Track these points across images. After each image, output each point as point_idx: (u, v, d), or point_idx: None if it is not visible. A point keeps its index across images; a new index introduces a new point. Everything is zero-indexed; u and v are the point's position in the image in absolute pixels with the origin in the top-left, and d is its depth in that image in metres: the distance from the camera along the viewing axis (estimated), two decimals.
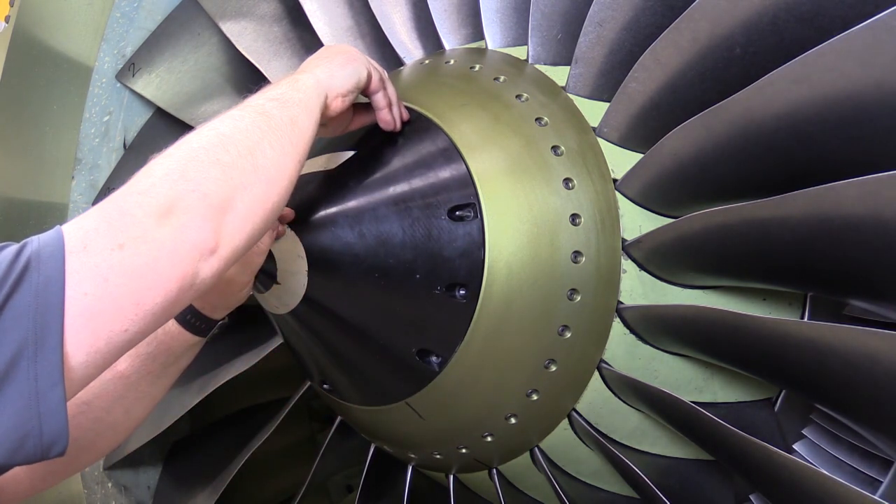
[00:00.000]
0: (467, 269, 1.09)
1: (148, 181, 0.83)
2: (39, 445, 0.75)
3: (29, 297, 0.74)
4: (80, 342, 0.76)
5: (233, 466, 1.56)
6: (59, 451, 0.76)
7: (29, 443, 0.74)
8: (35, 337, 0.73)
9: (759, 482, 1.07)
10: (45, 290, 0.74)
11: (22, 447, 0.74)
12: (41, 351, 0.73)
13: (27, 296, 0.74)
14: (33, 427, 0.74)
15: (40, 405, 0.74)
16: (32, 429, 0.74)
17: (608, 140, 1.20)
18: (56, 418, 0.75)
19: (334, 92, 1.05)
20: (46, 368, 0.73)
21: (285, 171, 0.93)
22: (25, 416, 0.73)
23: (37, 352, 0.73)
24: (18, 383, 0.73)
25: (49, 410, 0.74)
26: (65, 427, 0.75)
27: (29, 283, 0.74)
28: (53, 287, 0.74)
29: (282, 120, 0.94)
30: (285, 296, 1.12)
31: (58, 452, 0.76)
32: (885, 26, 0.76)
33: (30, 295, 0.74)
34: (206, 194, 0.83)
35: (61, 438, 0.76)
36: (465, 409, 1.18)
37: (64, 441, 0.76)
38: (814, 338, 0.91)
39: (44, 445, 0.75)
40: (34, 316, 0.73)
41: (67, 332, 0.75)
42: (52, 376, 0.74)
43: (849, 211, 0.84)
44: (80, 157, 1.78)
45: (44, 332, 0.74)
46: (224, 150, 0.87)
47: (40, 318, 0.73)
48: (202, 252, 0.82)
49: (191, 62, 1.79)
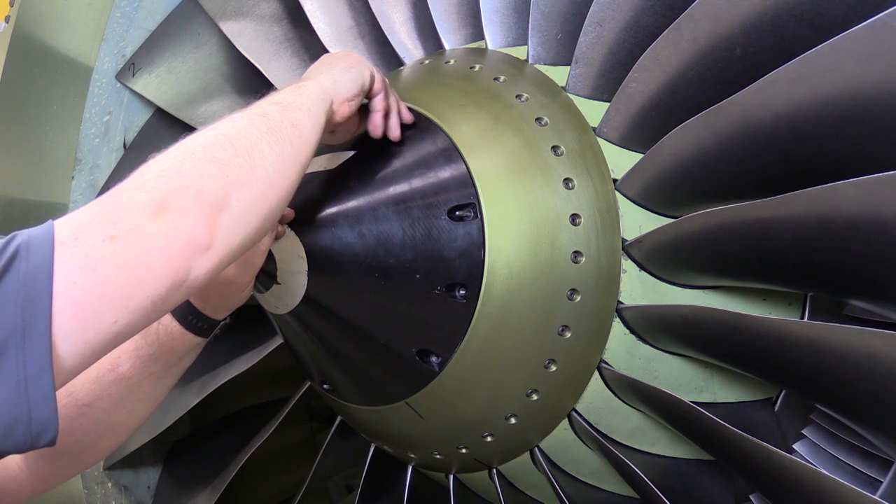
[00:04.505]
0: (467, 269, 1.09)
1: (143, 178, 0.83)
2: (29, 433, 0.74)
3: (16, 284, 0.73)
4: (68, 331, 0.75)
5: (233, 466, 1.56)
6: (49, 440, 0.75)
7: (18, 429, 0.73)
8: (23, 324, 0.73)
9: (759, 482, 1.07)
10: (33, 279, 0.74)
11: (11, 433, 0.73)
12: (29, 337, 0.73)
13: (14, 283, 0.73)
14: (22, 413, 0.73)
15: (29, 391, 0.73)
16: (21, 415, 0.73)
17: (608, 140, 1.20)
18: (45, 404, 0.74)
19: (340, 97, 1.05)
20: (34, 354, 0.73)
21: (285, 173, 0.92)
22: (14, 402, 0.73)
23: (24, 338, 0.73)
24: (6, 369, 0.72)
25: (38, 396, 0.73)
26: (54, 413, 0.75)
27: (17, 271, 0.74)
28: (41, 275, 0.74)
29: (282, 122, 0.94)
30: (285, 296, 1.12)
31: (48, 441, 0.75)
32: (885, 26, 0.76)
33: (17, 282, 0.73)
34: (200, 191, 0.83)
35: (51, 424, 0.75)
36: (465, 409, 1.18)
37: (54, 428, 0.75)
38: (814, 338, 0.91)
39: (33, 433, 0.74)
40: (22, 303, 0.73)
41: (56, 320, 0.74)
42: (41, 362, 0.73)
43: (849, 211, 0.84)
44: (80, 157, 1.78)
45: (31, 320, 0.73)
46: (221, 149, 0.87)
47: (28, 306, 0.73)
48: (195, 249, 0.82)
49: (191, 62, 1.79)
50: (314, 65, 1.11)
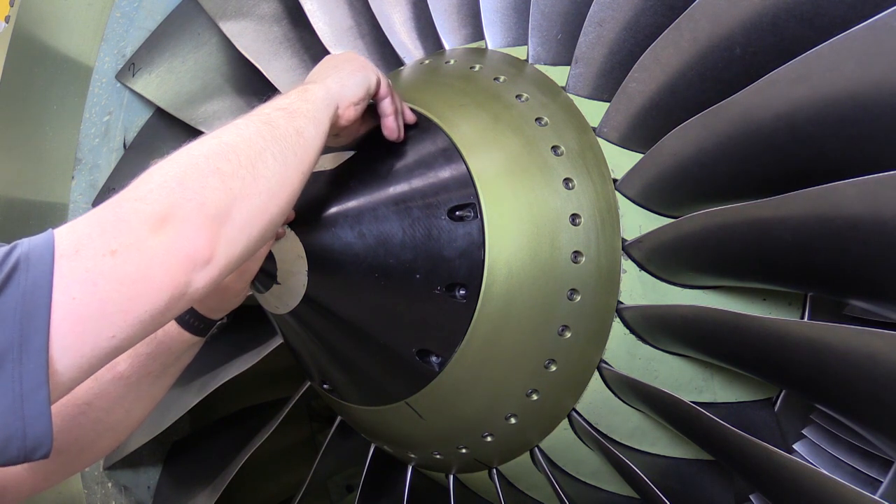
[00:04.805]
0: (467, 269, 1.09)
1: (145, 187, 0.82)
2: (23, 448, 0.74)
3: (15, 298, 0.73)
4: (65, 346, 0.75)
5: (233, 466, 1.56)
6: (42, 454, 0.75)
7: (12, 445, 0.73)
8: (21, 338, 0.72)
9: (759, 482, 1.06)
10: (32, 293, 0.73)
11: (5, 449, 0.73)
12: (26, 353, 0.72)
13: (13, 297, 0.73)
14: (17, 429, 0.73)
15: (24, 407, 0.73)
16: (16, 431, 0.73)
17: (608, 140, 1.20)
18: (40, 421, 0.74)
19: (346, 101, 1.04)
20: (31, 370, 0.73)
21: (287, 182, 0.91)
22: (9, 418, 0.72)
23: (21, 353, 0.72)
24: (2, 385, 0.72)
25: (33, 413, 0.73)
26: (49, 430, 0.75)
27: (16, 285, 0.73)
28: (41, 289, 0.73)
29: (287, 131, 0.93)
30: (285, 296, 1.12)
31: (42, 455, 0.75)
32: (885, 26, 0.76)
33: (16, 296, 0.73)
34: (202, 203, 0.82)
35: (45, 440, 0.75)
36: (464, 410, 1.18)
37: (48, 444, 0.75)
38: (814, 338, 0.91)
39: (27, 448, 0.74)
40: (20, 318, 0.72)
41: (53, 335, 0.74)
42: (37, 378, 0.73)
43: (849, 211, 0.84)
44: (80, 157, 1.78)
45: (29, 334, 0.73)
46: (225, 160, 0.86)
47: (26, 320, 0.73)
48: (196, 262, 0.81)
49: (191, 62, 1.79)
50: (319, 66, 1.11)
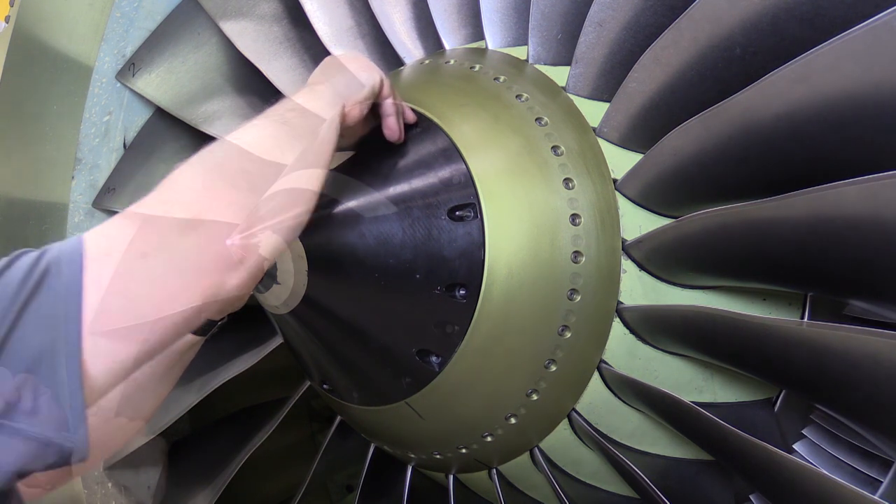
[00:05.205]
0: (467, 269, 1.09)
1: (172, 191, 0.83)
2: (62, 453, 0.74)
3: (48, 303, 0.73)
4: (98, 350, 0.75)
5: (233, 466, 1.56)
6: (80, 458, 0.76)
7: (51, 450, 0.74)
8: (53, 344, 0.72)
9: (759, 482, 1.06)
10: (64, 297, 0.73)
11: (45, 455, 0.73)
12: (60, 358, 0.73)
13: (46, 302, 0.73)
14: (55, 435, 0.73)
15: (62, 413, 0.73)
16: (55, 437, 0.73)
17: (608, 140, 1.20)
18: (77, 426, 0.74)
19: (352, 101, 1.06)
20: (66, 375, 0.73)
21: (310, 181, 0.92)
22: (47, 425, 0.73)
23: (55, 358, 0.72)
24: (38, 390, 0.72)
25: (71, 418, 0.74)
26: (85, 434, 0.75)
27: (48, 289, 0.73)
28: (72, 294, 0.74)
29: (303, 130, 0.95)
30: (285, 296, 1.12)
31: (79, 459, 0.76)
32: (885, 26, 0.76)
33: (48, 301, 0.73)
34: (231, 203, 0.83)
35: (83, 445, 0.75)
36: (465, 409, 1.18)
37: (85, 447, 0.75)
38: (814, 338, 0.91)
39: (64, 452, 0.74)
40: (53, 323, 0.73)
41: (86, 339, 0.74)
42: (73, 383, 0.73)
43: (849, 211, 0.84)
44: (80, 157, 1.78)
45: (62, 339, 0.73)
46: (248, 160, 0.87)
47: (59, 325, 0.73)
48: (227, 263, 0.81)
49: (191, 62, 1.79)
50: (323, 66, 1.11)
